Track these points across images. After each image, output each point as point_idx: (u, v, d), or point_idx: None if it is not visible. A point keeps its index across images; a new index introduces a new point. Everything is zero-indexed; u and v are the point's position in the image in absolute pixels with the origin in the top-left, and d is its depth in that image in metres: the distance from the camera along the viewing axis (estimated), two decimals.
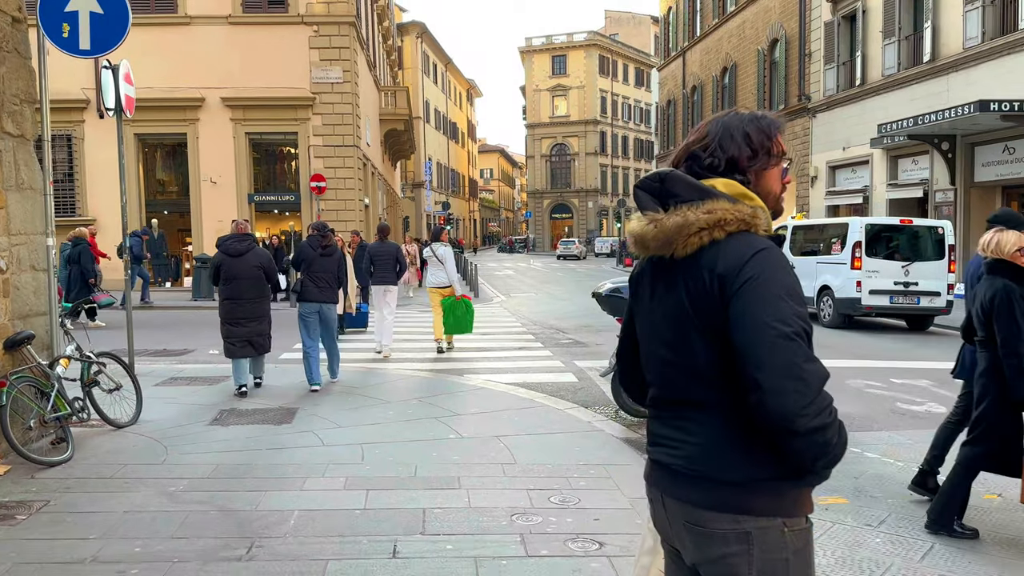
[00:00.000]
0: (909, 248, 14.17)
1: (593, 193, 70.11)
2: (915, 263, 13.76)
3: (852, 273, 13.78)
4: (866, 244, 13.82)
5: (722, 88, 33.63)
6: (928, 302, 13.81)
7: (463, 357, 10.45)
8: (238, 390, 7.73)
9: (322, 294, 8.32)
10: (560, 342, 12.02)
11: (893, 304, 13.80)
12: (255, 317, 7.95)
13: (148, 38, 21.68)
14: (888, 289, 13.67)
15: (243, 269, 7.90)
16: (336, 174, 22.21)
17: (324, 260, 8.39)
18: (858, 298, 13.66)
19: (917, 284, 13.71)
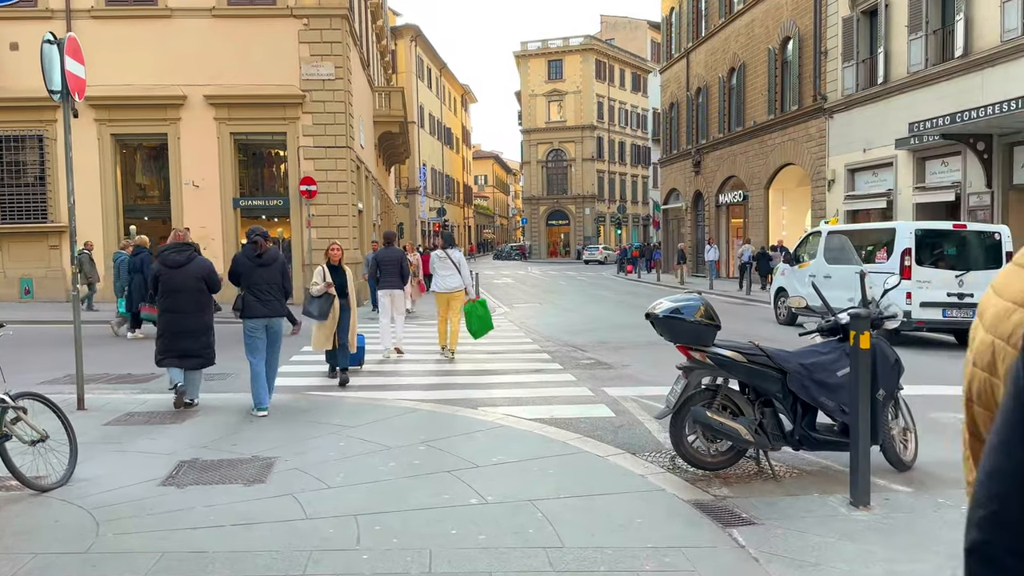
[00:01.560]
0: (962, 256, 12.75)
1: (590, 199, 68.84)
2: (969, 272, 12.34)
3: (902, 284, 11.97)
4: (916, 251, 12.46)
5: (729, 89, 32.39)
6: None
7: (474, 383, 9.04)
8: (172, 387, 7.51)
9: (266, 307, 7.48)
10: (580, 362, 10.63)
11: (947, 318, 12.37)
12: (196, 331, 7.47)
13: (126, 32, 20.28)
14: (941, 301, 12.28)
15: (183, 281, 7.39)
16: (327, 177, 20.79)
17: (262, 270, 7.53)
18: (908, 311, 12.18)
19: (972, 296, 12.24)
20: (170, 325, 7.47)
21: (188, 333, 7.41)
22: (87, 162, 20.38)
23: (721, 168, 33.15)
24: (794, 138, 26.94)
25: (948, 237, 13.15)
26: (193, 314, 7.44)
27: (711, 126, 34.29)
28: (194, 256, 7.53)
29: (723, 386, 5.53)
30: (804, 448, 5.50)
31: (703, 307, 5.40)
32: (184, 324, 7.41)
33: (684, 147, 37.54)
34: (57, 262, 20.60)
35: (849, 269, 13.69)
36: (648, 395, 8.17)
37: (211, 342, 7.60)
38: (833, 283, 13.96)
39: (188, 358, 7.42)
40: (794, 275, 15.75)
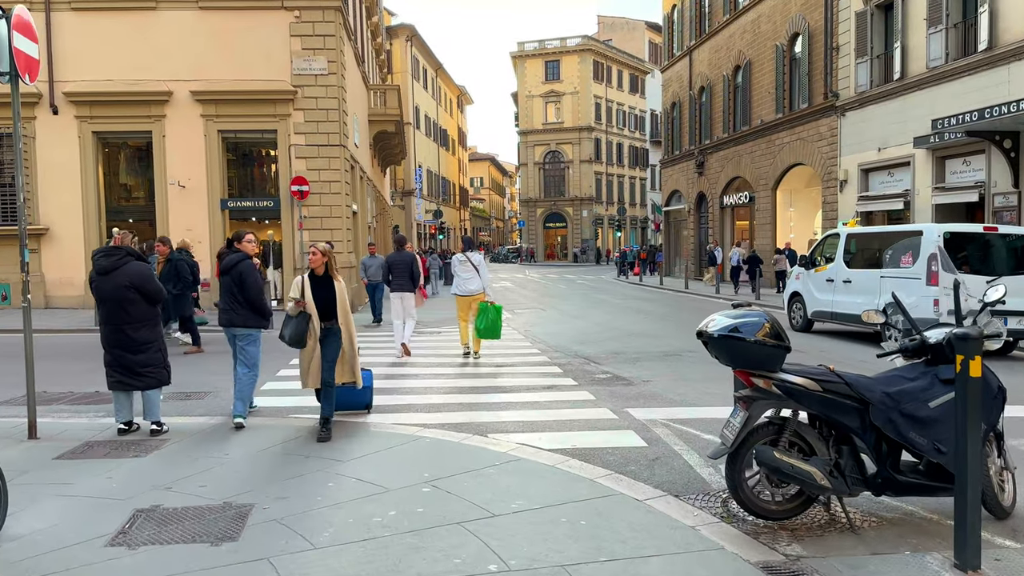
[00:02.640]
0: (994, 260, 12.00)
1: (588, 201, 67.94)
2: (1001, 278, 11.10)
3: (928, 290, 11.65)
4: (943, 255, 11.68)
5: (734, 88, 31.53)
6: (1017, 323, 11.45)
7: (482, 403, 8.09)
8: (119, 429, 6.67)
9: (224, 316, 7.32)
10: (595, 377, 9.69)
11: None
12: (132, 347, 6.57)
13: (108, 24, 19.32)
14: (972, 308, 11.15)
15: (109, 289, 6.54)
16: (320, 177, 19.83)
17: (223, 278, 7.30)
18: (935, 319, 11.31)
19: (1004, 303, 11.22)
20: (104, 340, 6.67)
21: (123, 349, 6.55)
22: (68, 161, 19.45)
23: (726, 169, 32.27)
24: (803, 137, 26.08)
25: (977, 241, 12.30)
26: (125, 327, 6.52)
27: (715, 126, 33.42)
28: (123, 261, 6.58)
29: (791, 420, 4.60)
30: (887, 493, 4.58)
31: (767, 324, 4.46)
32: (117, 339, 6.55)
33: (687, 147, 36.67)
34: (36, 266, 19.58)
35: (873, 274, 13.14)
36: (679, 418, 7.23)
37: (156, 360, 6.67)
38: (852, 288, 13.62)
39: (129, 378, 6.55)
40: (810, 279, 15.16)
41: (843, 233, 14.74)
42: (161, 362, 6.70)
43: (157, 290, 6.66)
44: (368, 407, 7.51)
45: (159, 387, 6.70)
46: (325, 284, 6.71)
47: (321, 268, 6.69)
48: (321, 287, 6.69)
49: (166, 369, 6.78)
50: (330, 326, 6.72)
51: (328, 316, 6.70)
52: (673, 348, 12.38)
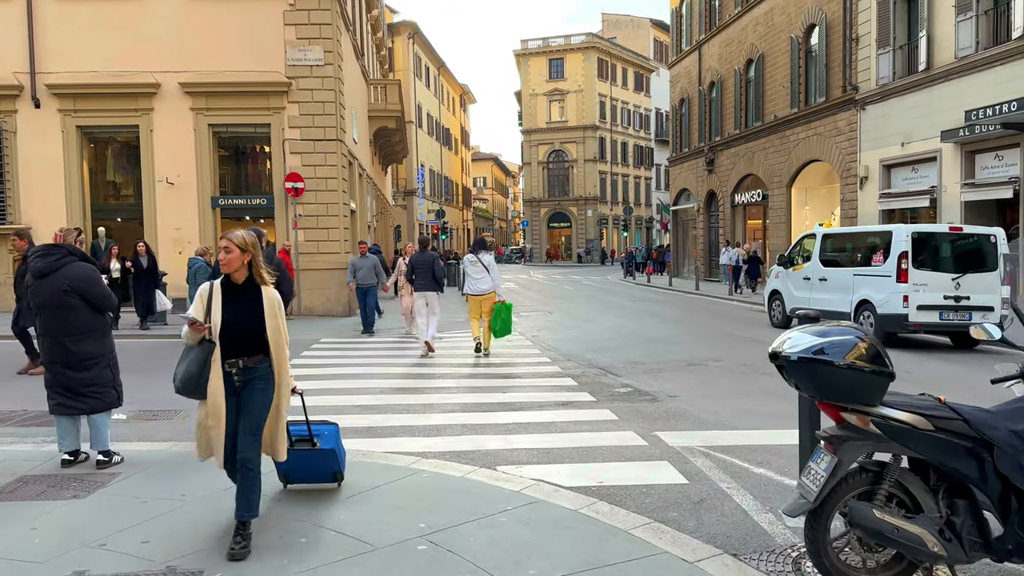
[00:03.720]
0: (959, 259, 12.65)
1: (592, 201, 66.93)
2: (966, 275, 12.37)
3: (898, 287, 12.42)
4: (912, 254, 12.44)
5: (746, 82, 30.48)
6: (980, 318, 12.18)
7: (489, 423, 7.07)
8: (63, 460, 5.65)
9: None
10: (614, 391, 8.67)
11: (943, 320, 12.33)
12: (75, 362, 5.55)
13: (93, 13, 18.34)
14: (938, 304, 12.30)
15: (47, 294, 5.55)
16: (316, 173, 18.83)
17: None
18: (905, 314, 12.29)
19: (968, 299, 12.33)
20: (44, 353, 5.67)
21: (64, 365, 5.54)
22: (50, 156, 18.48)
23: (737, 166, 31.23)
24: (820, 133, 25.04)
25: (944, 240, 12.95)
26: (66, 340, 5.52)
27: (726, 122, 32.38)
28: (62, 262, 5.59)
29: (891, 466, 3.58)
30: (1014, 560, 3.56)
31: (862, 343, 3.45)
32: (57, 353, 5.54)
33: (696, 145, 35.63)
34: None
35: (846, 272, 13.72)
36: (719, 444, 6.22)
37: (103, 378, 5.66)
38: (828, 286, 14.25)
39: (72, 400, 5.54)
40: (789, 277, 15.76)
41: (819, 233, 15.36)
42: (109, 381, 5.71)
43: (103, 295, 5.66)
44: (337, 477, 5.02)
45: (107, 410, 5.71)
46: (246, 297, 4.22)
47: (242, 272, 4.21)
48: (240, 302, 4.21)
49: (116, 389, 5.78)
50: (253, 367, 4.20)
51: (249, 349, 4.18)
52: (696, 356, 11.37)
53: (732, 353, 11.78)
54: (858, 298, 13.21)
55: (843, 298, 13.57)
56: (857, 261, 13.79)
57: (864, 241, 14.11)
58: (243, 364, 4.18)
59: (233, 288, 4.25)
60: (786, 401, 7.88)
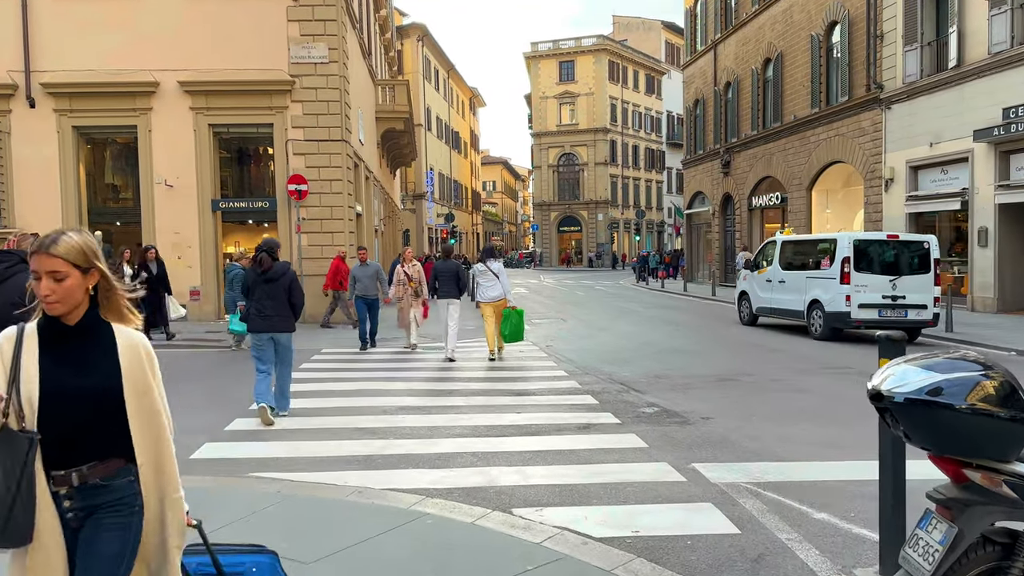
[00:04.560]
0: (896, 263, 14.14)
1: (603, 205, 66.07)
2: (902, 277, 13.90)
3: (842, 288, 13.93)
4: (854, 259, 13.91)
5: (764, 82, 29.64)
6: (915, 315, 13.84)
7: (504, 452, 6.28)
8: None
9: (266, 322, 7.58)
10: (640, 411, 7.87)
11: (882, 317, 13.74)
12: None
13: (89, 10, 17.71)
14: (876, 303, 13.81)
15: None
16: (320, 175, 18.13)
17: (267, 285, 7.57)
18: (847, 312, 13.83)
19: (904, 298, 13.85)
20: None
21: None
22: (46, 157, 17.84)
23: (755, 168, 30.38)
24: (842, 133, 24.18)
25: (883, 246, 14.37)
26: None
27: (742, 123, 31.53)
28: (16, 270, 4.81)
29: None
30: None
31: (990, 380, 2.65)
32: None
33: (711, 147, 34.78)
34: None
35: (801, 275, 15.31)
36: (769, 481, 5.41)
37: None
38: (786, 287, 15.82)
39: None
40: (754, 279, 17.32)
41: (779, 241, 16.87)
42: None
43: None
44: None
45: None
46: (87, 348, 2.29)
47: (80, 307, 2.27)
48: (76, 357, 2.26)
49: None
50: (102, 486, 2.25)
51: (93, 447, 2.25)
52: (723, 370, 10.56)
53: (763, 367, 10.96)
54: (810, 298, 14.80)
55: (798, 298, 15.19)
56: (809, 265, 15.30)
57: (815, 248, 15.61)
58: (81, 479, 2.21)
59: (61, 334, 2.26)
60: (833, 425, 7.08)
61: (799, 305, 15.12)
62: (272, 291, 7.52)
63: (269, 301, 7.50)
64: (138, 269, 14.28)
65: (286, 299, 7.56)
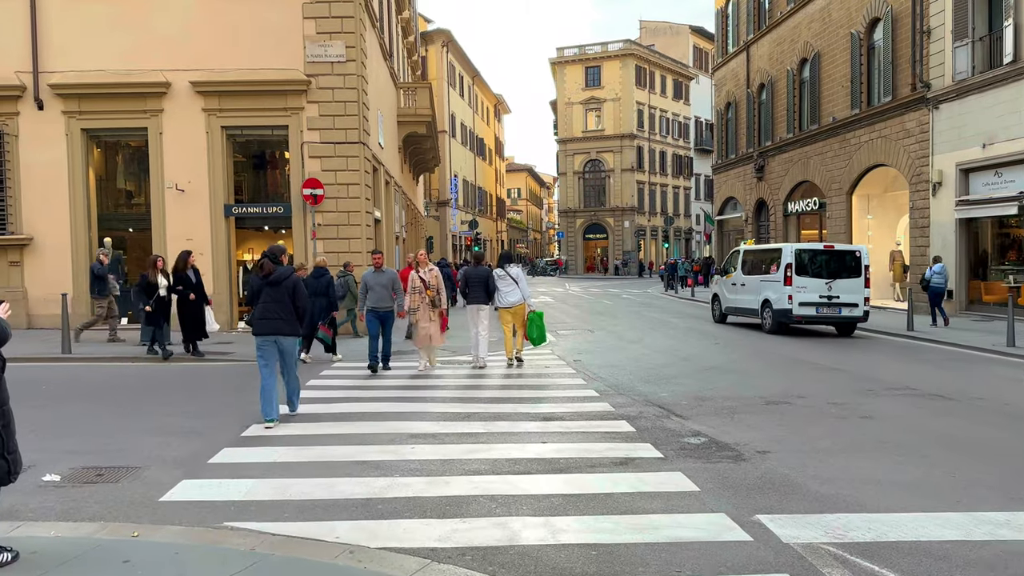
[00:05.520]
0: (832, 268, 16.48)
1: (630, 212, 64.87)
2: (837, 280, 16.31)
3: (785, 289, 16.39)
4: (797, 265, 16.40)
5: (800, 83, 28.47)
6: (848, 312, 16.35)
7: (528, 495, 5.29)
8: None
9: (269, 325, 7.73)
10: (684, 442, 6.86)
11: (819, 314, 16.34)
12: None
13: (99, 9, 17.08)
14: (814, 302, 16.23)
15: None
16: (336, 179, 17.32)
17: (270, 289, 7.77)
18: (790, 309, 16.30)
19: (839, 297, 16.26)
20: None
21: None
22: (54, 161, 17.22)
23: (790, 172, 29.16)
24: (885, 135, 22.97)
25: (820, 254, 16.83)
26: None
27: (777, 126, 30.35)
28: None
29: None
30: None
31: None
32: None
33: (744, 151, 33.60)
34: (18, 281, 17.36)
35: (756, 279, 17.82)
36: (854, 540, 4.38)
37: None
38: (745, 289, 18.36)
39: None
40: (723, 283, 19.97)
41: (741, 250, 19.74)
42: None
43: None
44: None
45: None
46: None
47: None
48: None
49: (5, 459, 4.14)
50: None
51: None
52: (772, 391, 9.51)
53: (815, 386, 9.89)
54: (762, 298, 17.30)
55: (755, 298, 17.66)
56: (763, 271, 17.64)
57: (768, 255, 17.95)
58: None
59: None
60: (913, 461, 6.03)
61: (755, 304, 17.64)
62: (276, 295, 7.73)
63: (273, 305, 7.72)
64: (174, 278, 12.94)
65: (290, 303, 7.78)
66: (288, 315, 7.77)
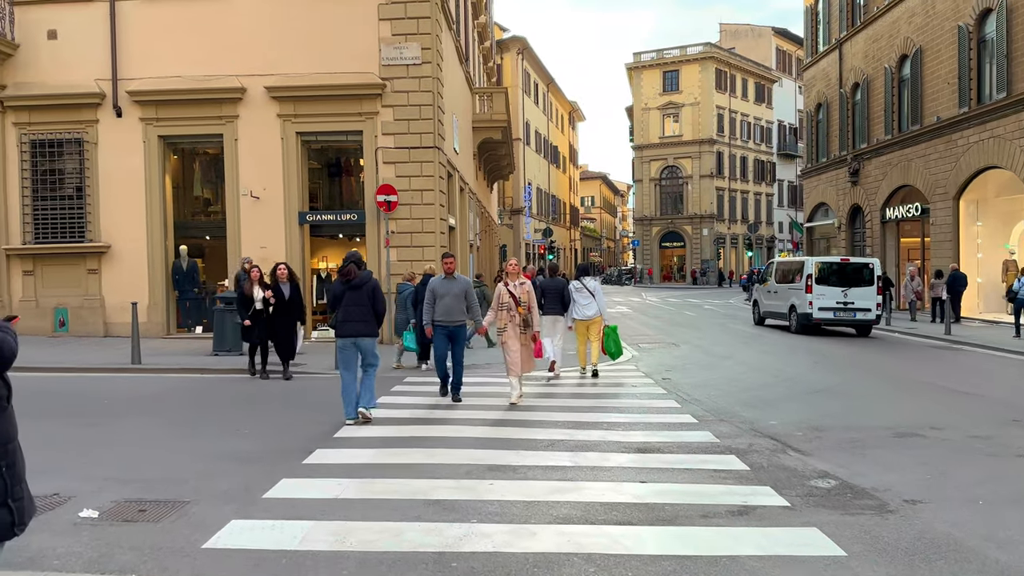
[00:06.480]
0: (848, 278, 18.64)
1: (708, 219, 62.92)
2: (852, 288, 18.43)
3: (806, 296, 18.64)
4: (817, 276, 18.65)
5: (899, 81, 26.63)
6: (862, 316, 18.48)
7: (628, 553, 4.35)
8: None
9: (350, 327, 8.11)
10: (811, 485, 5.81)
11: (836, 317, 18.56)
12: None
13: (176, 14, 17.00)
14: (831, 307, 18.45)
15: None
16: (411, 185, 16.75)
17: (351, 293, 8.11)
18: (811, 313, 18.56)
19: (853, 303, 18.40)
20: None
21: None
22: (131, 168, 17.18)
23: (889, 176, 27.30)
24: (999, 134, 21.09)
25: (838, 266, 19.19)
26: None
27: (873, 127, 28.50)
28: None
29: None
30: None
31: None
32: None
33: (836, 154, 31.76)
34: (95, 289, 17.37)
35: (785, 286, 20.34)
36: None
37: None
38: (777, 295, 20.86)
39: None
40: (761, 290, 22.60)
41: (775, 262, 22.87)
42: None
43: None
44: None
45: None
46: None
47: None
48: None
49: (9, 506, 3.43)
50: None
51: None
52: (897, 420, 8.32)
53: (947, 415, 8.64)
54: (789, 303, 19.78)
55: (784, 303, 20.16)
56: (790, 280, 20.18)
57: (794, 267, 20.39)
58: None
59: None
60: None
61: (784, 309, 20.10)
62: (357, 298, 8.10)
63: (354, 308, 8.08)
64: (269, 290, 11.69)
65: (370, 306, 8.13)
66: (368, 318, 8.12)
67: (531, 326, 9.83)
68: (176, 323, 17.89)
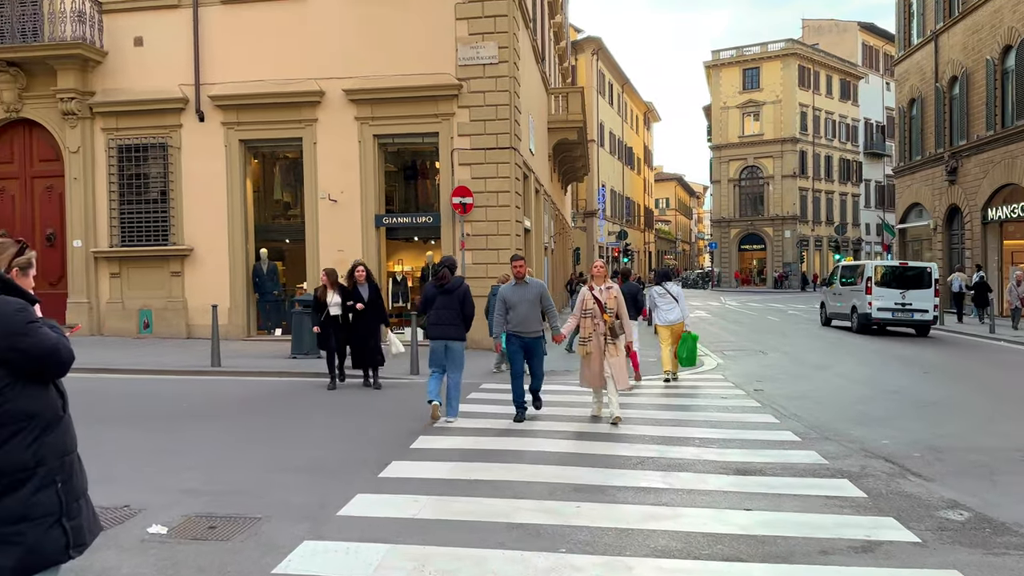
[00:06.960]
0: (906, 280, 19.72)
1: (791, 221, 60.80)
2: (910, 291, 19.52)
3: (867, 297, 19.81)
4: (878, 279, 19.79)
5: (1002, 74, 24.95)
6: (919, 316, 19.58)
7: None
8: None
9: (439, 331, 8.40)
10: (938, 514, 5.17)
11: (895, 318, 19.72)
12: None
13: (257, 18, 17.15)
14: (890, 307, 19.61)
15: None
16: (486, 186, 16.43)
17: (442, 297, 8.38)
18: (870, 313, 19.72)
19: (911, 304, 19.52)
20: None
21: None
22: (213, 172, 17.38)
23: (991, 174, 25.61)
24: None
25: (897, 269, 20.34)
26: None
27: (973, 122, 26.81)
28: None
29: None
30: None
31: None
32: None
33: (932, 151, 30.05)
34: (179, 291, 17.65)
35: (848, 288, 21.48)
36: None
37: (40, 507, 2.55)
38: (840, 296, 22.06)
39: None
40: (827, 293, 23.81)
41: (839, 266, 23.95)
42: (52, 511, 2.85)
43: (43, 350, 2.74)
44: None
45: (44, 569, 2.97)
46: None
47: None
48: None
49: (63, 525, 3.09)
50: None
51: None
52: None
53: None
54: (851, 304, 20.86)
55: (847, 304, 21.19)
56: (852, 282, 21.26)
57: (855, 270, 21.60)
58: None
59: None
60: None
61: (847, 310, 21.13)
62: (448, 302, 8.35)
63: (445, 311, 8.33)
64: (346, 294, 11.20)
65: (459, 310, 8.36)
66: (457, 321, 8.35)
67: (619, 335, 8.49)
68: (256, 325, 18.04)
